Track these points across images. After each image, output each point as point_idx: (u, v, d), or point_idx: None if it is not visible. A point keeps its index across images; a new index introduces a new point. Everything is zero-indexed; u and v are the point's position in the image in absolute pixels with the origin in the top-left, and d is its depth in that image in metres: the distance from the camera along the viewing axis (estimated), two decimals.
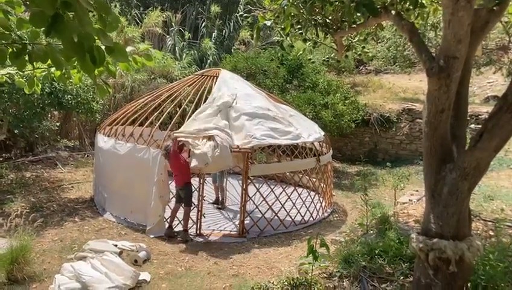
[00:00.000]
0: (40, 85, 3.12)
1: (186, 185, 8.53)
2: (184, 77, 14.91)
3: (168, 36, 21.28)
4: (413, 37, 4.13)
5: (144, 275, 6.82)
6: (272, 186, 9.53)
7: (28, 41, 2.22)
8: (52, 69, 2.97)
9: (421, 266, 4.12)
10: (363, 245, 5.55)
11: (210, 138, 8.46)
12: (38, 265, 6.96)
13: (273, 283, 4.77)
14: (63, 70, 2.83)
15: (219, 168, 8.73)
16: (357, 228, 6.94)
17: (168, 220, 8.69)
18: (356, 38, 6.39)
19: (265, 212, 9.26)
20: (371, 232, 6.39)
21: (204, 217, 8.96)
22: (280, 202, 9.33)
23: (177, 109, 10.22)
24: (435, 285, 3.97)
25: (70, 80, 2.99)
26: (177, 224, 8.79)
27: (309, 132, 10.10)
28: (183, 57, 20.08)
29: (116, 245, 7.69)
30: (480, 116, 14.50)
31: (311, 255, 4.49)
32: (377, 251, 5.33)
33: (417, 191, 10.36)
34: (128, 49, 2.63)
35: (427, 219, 4.11)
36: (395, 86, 19.25)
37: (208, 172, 8.90)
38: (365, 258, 5.24)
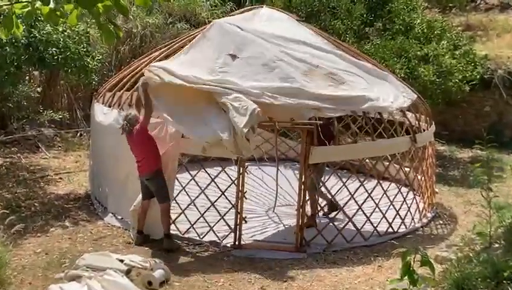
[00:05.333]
0: (21, 27, 3.16)
1: (157, 173, 8.56)
2: (215, 19, 14.90)
3: None
4: None
5: None
6: (344, 179, 9.44)
7: None
8: (38, 4, 2.98)
9: None
10: (484, 264, 5.41)
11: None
12: (16, 287, 7.22)
13: None
14: (52, 5, 2.83)
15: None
16: (474, 240, 6.77)
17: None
18: None
19: (335, 216, 9.21)
20: (496, 245, 6.22)
21: (246, 221, 9.00)
22: (356, 202, 9.23)
23: None
24: None
25: (64, 20, 3.00)
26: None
27: (397, 97, 9.88)
28: None
29: (122, 260, 7.86)
30: None
31: (406, 277, 4.40)
32: (506, 273, 5.18)
33: None
34: None
35: None
36: None
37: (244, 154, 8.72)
38: (488, 284, 5.11)
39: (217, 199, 8.96)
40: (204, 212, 8.99)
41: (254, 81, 8.90)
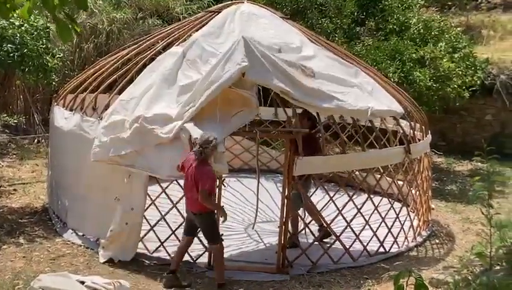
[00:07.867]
0: None
1: (207, 211, 8.04)
2: (191, 15, 14.91)
3: None
4: None
5: None
6: (332, 193, 9.48)
7: None
8: None
9: None
10: (484, 288, 5.44)
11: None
12: None
13: None
14: None
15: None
16: (473, 261, 6.81)
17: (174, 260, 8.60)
18: None
19: (321, 234, 9.26)
20: (497, 268, 6.25)
21: (222, 239, 8.98)
22: (344, 218, 9.24)
23: None
24: None
25: (16, 12, 2.98)
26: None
27: (389, 103, 9.94)
28: None
29: (83, 282, 7.78)
30: None
31: None
32: None
33: None
34: None
35: None
36: None
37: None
38: None
39: None
40: (176, 229, 8.90)
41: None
